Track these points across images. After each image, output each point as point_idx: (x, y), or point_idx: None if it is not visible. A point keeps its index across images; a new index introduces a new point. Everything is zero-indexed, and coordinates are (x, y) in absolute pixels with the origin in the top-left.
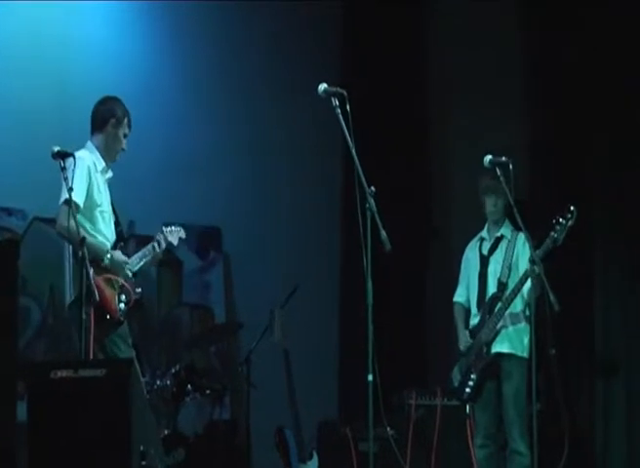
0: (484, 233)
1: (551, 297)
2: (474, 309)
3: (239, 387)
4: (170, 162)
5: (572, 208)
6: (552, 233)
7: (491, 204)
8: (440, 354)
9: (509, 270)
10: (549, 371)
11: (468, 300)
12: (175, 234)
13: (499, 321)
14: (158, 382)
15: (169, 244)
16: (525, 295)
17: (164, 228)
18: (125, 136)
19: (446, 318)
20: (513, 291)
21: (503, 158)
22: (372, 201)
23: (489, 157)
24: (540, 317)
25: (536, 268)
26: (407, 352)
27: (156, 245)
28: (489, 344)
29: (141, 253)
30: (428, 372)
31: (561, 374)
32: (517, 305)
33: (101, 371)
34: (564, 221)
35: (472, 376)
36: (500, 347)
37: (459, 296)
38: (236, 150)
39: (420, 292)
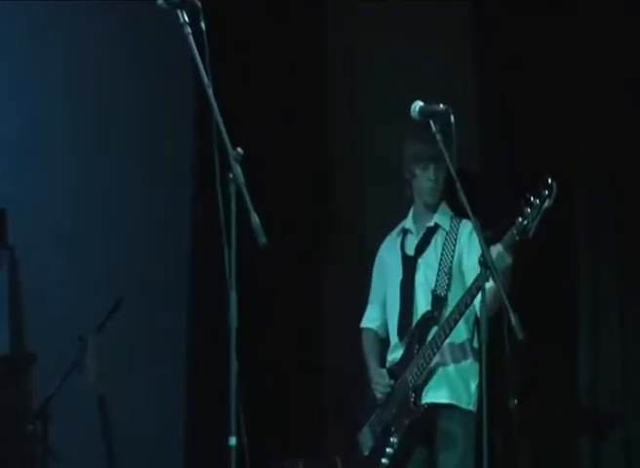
0: (408, 222)
1: (513, 320)
2: (395, 338)
3: (29, 455)
4: None
5: (549, 181)
6: (519, 219)
7: (427, 178)
8: (342, 405)
9: (449, 278)
10: (509, 432)
11: (385, 325)
12: None
13: (433, 355)
14: None
15: None
16: (473, 317)
17: None
18: None
19: (352, 350)
20: (458, 309)
21: (441, 105)
22: (238, 169)
23: (419, 104)
24: (495, 350)
25: (492, 274)
26: (292, 403)
27: None
28: (418, 391)
29: None
30: (324, 433)
31: (525, 435)
32: (461, 332)
33: None
34: (537, 201)
35: (392, 440)
36: (435, 395)
37: (369, 320)
38: (24, 92)
39: (313, 310)
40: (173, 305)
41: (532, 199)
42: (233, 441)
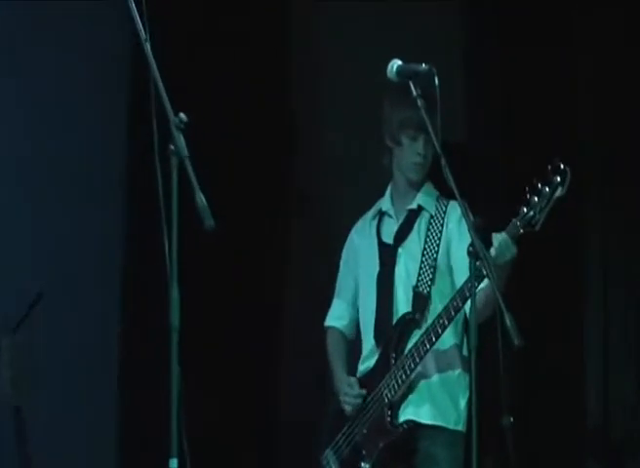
0: (385, 203)
1: (508, 324)
2: (369, 343)
3: None
4: None
5: (562, 166)
6: (524, 209)
7: (414, 151)
8: (301, 421)
9: (433, 271)
10: (502, 455)
11: (353, 324)
12: None
13: (415, 366)
14: None
15: None
16: (462, 319)
17: None
18: None
19: (315, 355)
20: (446, 314)
21: (423, 65)
22: (181, 139)
23: (397, 63)
24: (488, 359)
25: (484, 266)
26: (244, 417)
27: None
28: (395, 407)
29: None
30: (280, 455)
31: (522, 458)
32: (448, 337)
33: None
34: (547, 190)
35: (363, 466)
36: (416, 413)
37: (335, 318)
38: None
39: (270, 308)
40: (103, 301)
41: (540, 186)
42: (174, 463)
